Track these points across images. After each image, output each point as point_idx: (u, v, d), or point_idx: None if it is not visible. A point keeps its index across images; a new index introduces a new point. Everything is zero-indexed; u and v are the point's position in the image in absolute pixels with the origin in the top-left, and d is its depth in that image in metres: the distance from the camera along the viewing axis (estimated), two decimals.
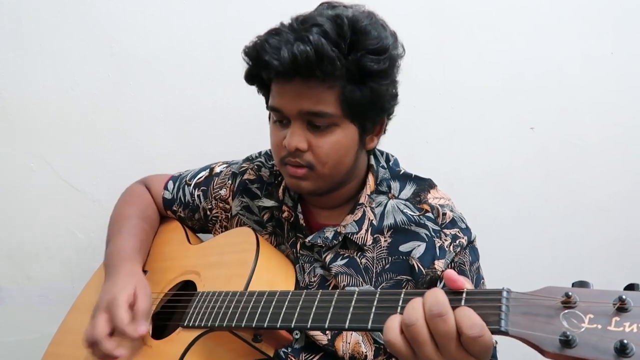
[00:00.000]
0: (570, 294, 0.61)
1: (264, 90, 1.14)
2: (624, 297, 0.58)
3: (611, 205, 1.71)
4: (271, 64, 1.00)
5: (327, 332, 1.13)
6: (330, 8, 1.06)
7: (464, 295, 0.72)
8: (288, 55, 0.98)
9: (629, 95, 1.65)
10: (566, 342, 0.58)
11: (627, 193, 1.71)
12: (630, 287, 0.60)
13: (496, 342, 1.16)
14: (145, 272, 1.30)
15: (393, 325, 0.74)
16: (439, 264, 1.10)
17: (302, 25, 1.02)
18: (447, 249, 1.12)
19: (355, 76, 1.03)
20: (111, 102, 1.62)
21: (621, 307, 0.58)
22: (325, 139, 1.07)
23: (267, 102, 1.16)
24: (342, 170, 1.12)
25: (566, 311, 0.61)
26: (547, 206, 1.72)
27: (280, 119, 1.10)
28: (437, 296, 0.72)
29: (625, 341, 0.55)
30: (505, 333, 0.65)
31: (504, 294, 0.68)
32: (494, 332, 0.66)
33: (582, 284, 0.63)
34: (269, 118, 1.18)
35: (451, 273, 0.76)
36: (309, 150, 1.07)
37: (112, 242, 1.30)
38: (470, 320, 0.68)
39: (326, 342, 1.13)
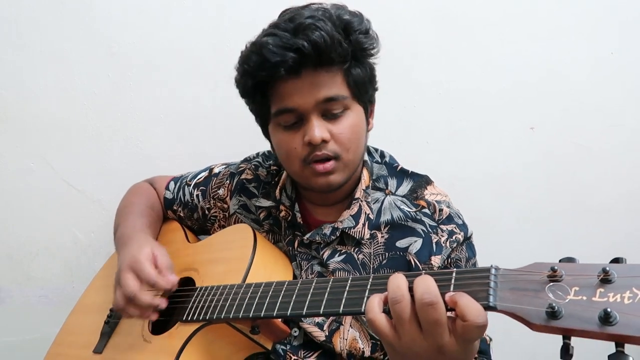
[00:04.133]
0: (556, 268, 0.62)
1: (262, 101, 1.12)
2: (607, 269, 0.59)
3: (615, 206, 1.71)
4: (283, 59, 1.00)
5: (325, 328, 1.14)
6: (302, 8, 1.07)
7: (454, 274, 0.72)
8: (308, 44, 0.99)
9: (632, 96, 1.66)
10: (552, 313, 0.59)
11: (630, 194, 1.71)
12: (615, 261, 0.61)
13: (490, 339, 1.16)
14: None
15: (373, 304, 0.75)
16: (436, 260, 1.11)
17: (291, 22, 1.02)
18: (443, 245, 1.12)
19: (357, 55, 1.07)
20: (111, 102, 1.63)
21: (605, 279, 0.59)
22: (343, 124, 1.08)
23: (262, 115, 1.15)
24: (361, 154, 1.15)
25: (552, 284, 0.62)
26: (549, 207, 1.72)
27: (293, 120, 1.08)
28: (428, 285, 0.71)
29: (608, 310, 0.55)
30: (494, 308, 0.65)
31: (492, 270, 0.69)
32: (483, 307, 0.67)
33: (569, 260, 0.64)
34: (265, 134, 1.19)
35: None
36: (331, 140, 1.08)
37: (122, 225, 1.32)
38: (475, 308, 0.68)
39: (323, 339, 1.13)
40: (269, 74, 1.04)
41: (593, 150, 1.69)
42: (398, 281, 0.74)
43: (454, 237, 1.14)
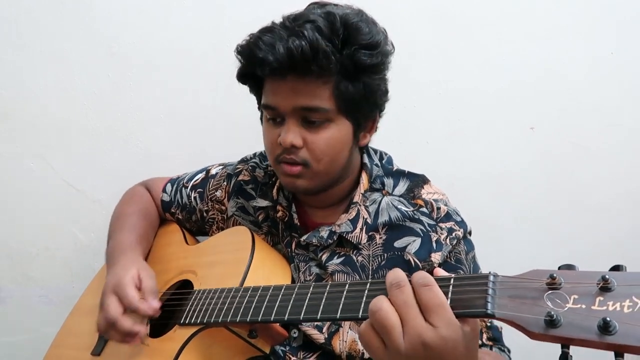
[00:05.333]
0: (555, 275, 0.61)
1: (256, 89, 1.14)
2: (607, 276, 0.58)
3: (613, 206, 1.71)
4: (266, 60, 1.00)
5: (324, 330, 1.13)
6: (320, 7, 1.07)
7: (452, 280, 0.72)
8: (284, 51, 0.98)
9: (630, 95, 1.65)
10: (551, 322, 0.58)
11: (628, 194, 1.70)
12: (615, 268, 0.60)
13: (501, 328, 1.15)
14: None
15: (379, 297, 0.73)
16: (436, 257, 1.11)
17: (294, 22, 1.03)
18: (443, 242, 1.12)
19: (349, 71, 1.03)
20: (111, 102, 1.63)
21: (604, 287, 0.58)
22: (320, 135, 1.07)
23: (259, 102, 1.17)
24: (337, 167, 1.12)
25: (550, 292, 0.61)
26: (548, 207, 1.72)
27: (273, 116, 1.09)
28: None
29: (608, 319, 0.55)
30: (492, 316, 0.65)
31: (491, 277, 0.68)
32: (480, 315, 0.66)
33: (568, 267, 0.63)
34: (261, 119, 1.18)
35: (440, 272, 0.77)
36: (304, 147, 1.07)
37: (113, 239, 1.32)
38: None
39: (323, 341, 1.13)
40: (253, 69, 1.05)
41: (591, 149, 1.68)
42: (396, 271, 0.73)
43: (453, 235, 1.14)
